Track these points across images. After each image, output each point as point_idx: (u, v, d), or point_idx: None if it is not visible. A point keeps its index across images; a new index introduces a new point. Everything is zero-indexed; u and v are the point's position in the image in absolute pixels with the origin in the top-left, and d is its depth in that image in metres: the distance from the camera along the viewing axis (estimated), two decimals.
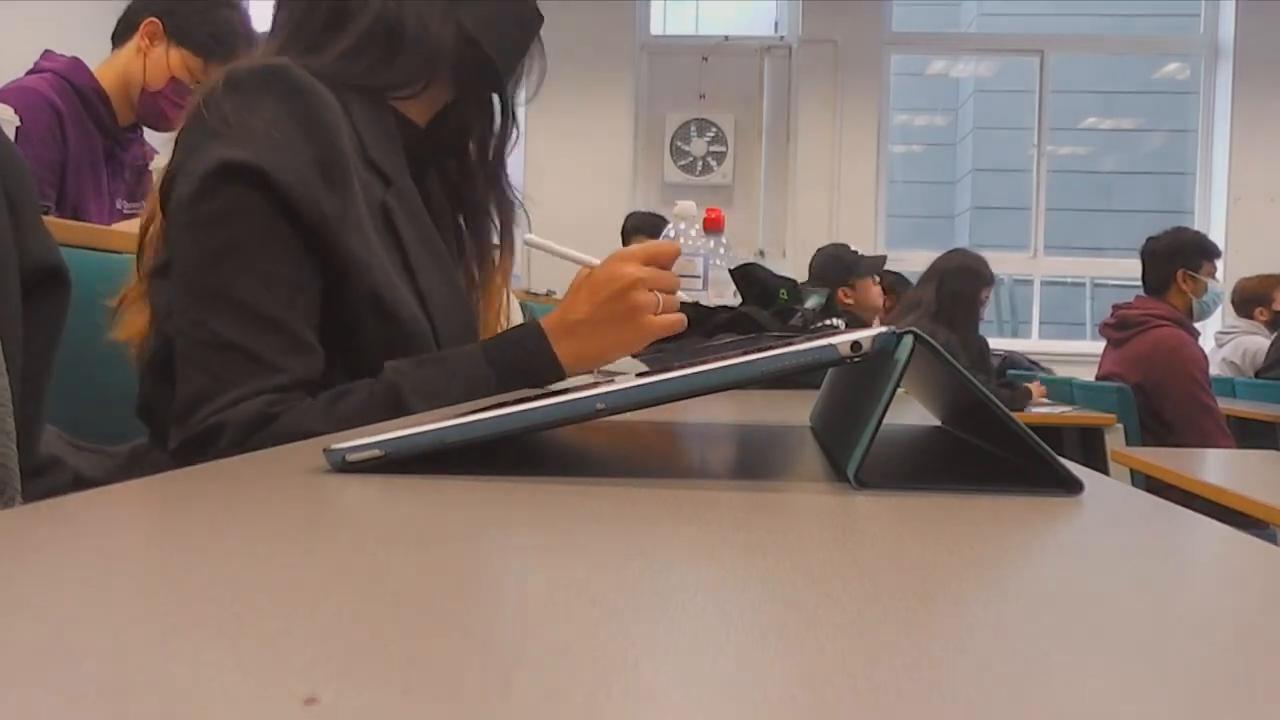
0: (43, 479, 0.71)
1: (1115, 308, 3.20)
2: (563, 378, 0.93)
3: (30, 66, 1.93)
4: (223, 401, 0.83)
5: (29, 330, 0.64)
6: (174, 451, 0.83)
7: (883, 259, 3.69)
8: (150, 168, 1.73)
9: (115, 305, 0.96)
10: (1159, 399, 2.94)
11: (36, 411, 0.68)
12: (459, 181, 1.13)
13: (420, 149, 1.06)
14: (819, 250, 3.65)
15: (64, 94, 1.86)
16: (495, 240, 1.14)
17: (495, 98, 1.08)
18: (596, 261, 0.97)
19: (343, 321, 0.89)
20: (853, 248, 3.65)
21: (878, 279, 3.58)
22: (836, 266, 3.49)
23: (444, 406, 0.83)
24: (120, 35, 1.96)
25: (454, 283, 1.01)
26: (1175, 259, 3.05)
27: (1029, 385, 3.30)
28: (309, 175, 0.85)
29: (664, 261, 0.95)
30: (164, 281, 0.91)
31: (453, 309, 0.98)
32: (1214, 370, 4.11)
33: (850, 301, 3.44)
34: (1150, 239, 3.15)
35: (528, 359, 0.92)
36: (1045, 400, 3.38)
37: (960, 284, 3.21)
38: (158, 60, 1.92)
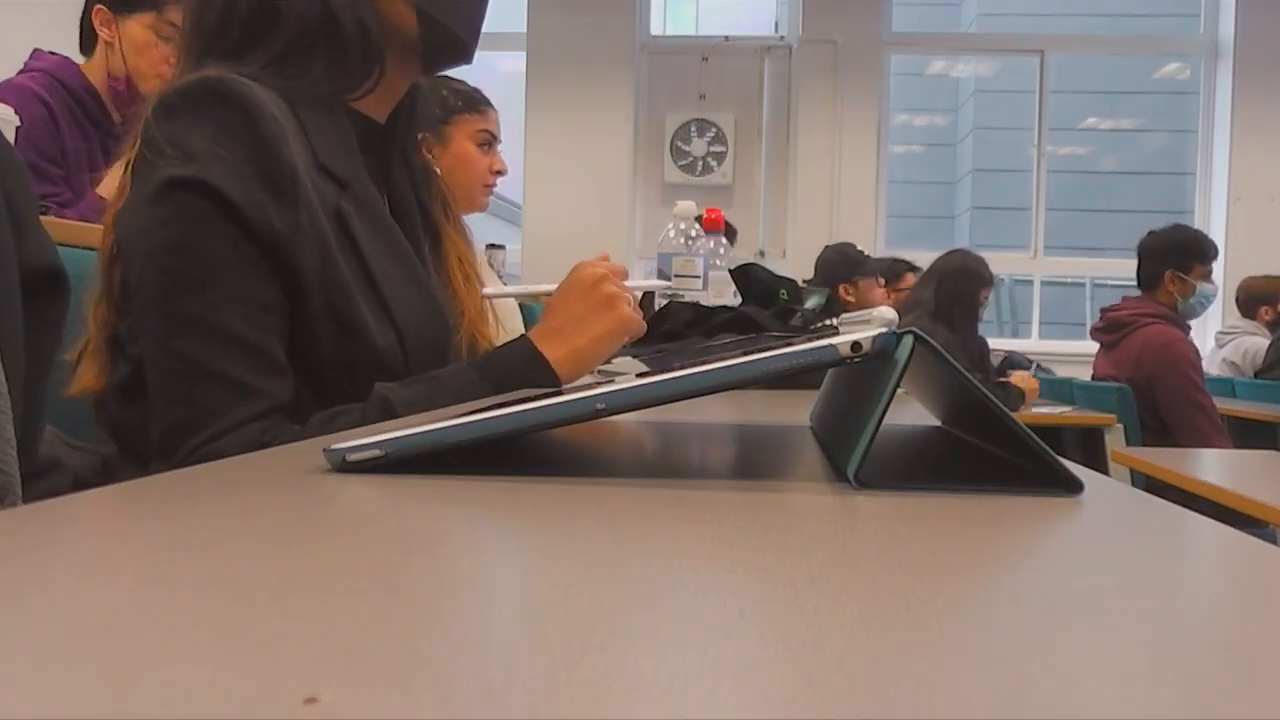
0: (43, 480, 0.71)
1: (1103, 311, 3.18)
2: (558, 384, 0.92)
3: (19, 65, 1.94)
4: (212, 431, 0.81)
5: (29, 333, 0.64)
6: None
7: (888, 261, 3.73)
8: None
9: (74, 359, 0.92)
10: (1153, 397, 2.94)
11: (37, 414, 0.68)
12: (422, 175, 1.09)
13: (382, 146, 1.02)
14: (826, 247, 3.71)
15: (54, 92, 1.87)
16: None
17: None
18: (553, 288, 1.01)
19: (302, 336, 0.87)
20: (859, 248, 3.71)
21: (882, 281, 3.61)
22: (842, 261, 3.56)
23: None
24: (87, 40, 1.97)
25: (423, 287, 0.98)
26: (1166, 258, 3.03)
27: (1016, 378, 3.28)
28: (255, 190, 0.83)
29: (619, 275, 1.00)
30: (121, 313, 0.89)
31: (421, 315, 0.95)
32: (1214, 370, 4.11)
33: (851, 299, 3.48)
34: (1147, 235, 3.13)
35: (519, 367, 0.91)
36: (1045, 400, 3.37)
37: (959, 285, 3.21)
38: (127, 41, 1.93)
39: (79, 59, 1.96)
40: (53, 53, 1.96)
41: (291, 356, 0.87)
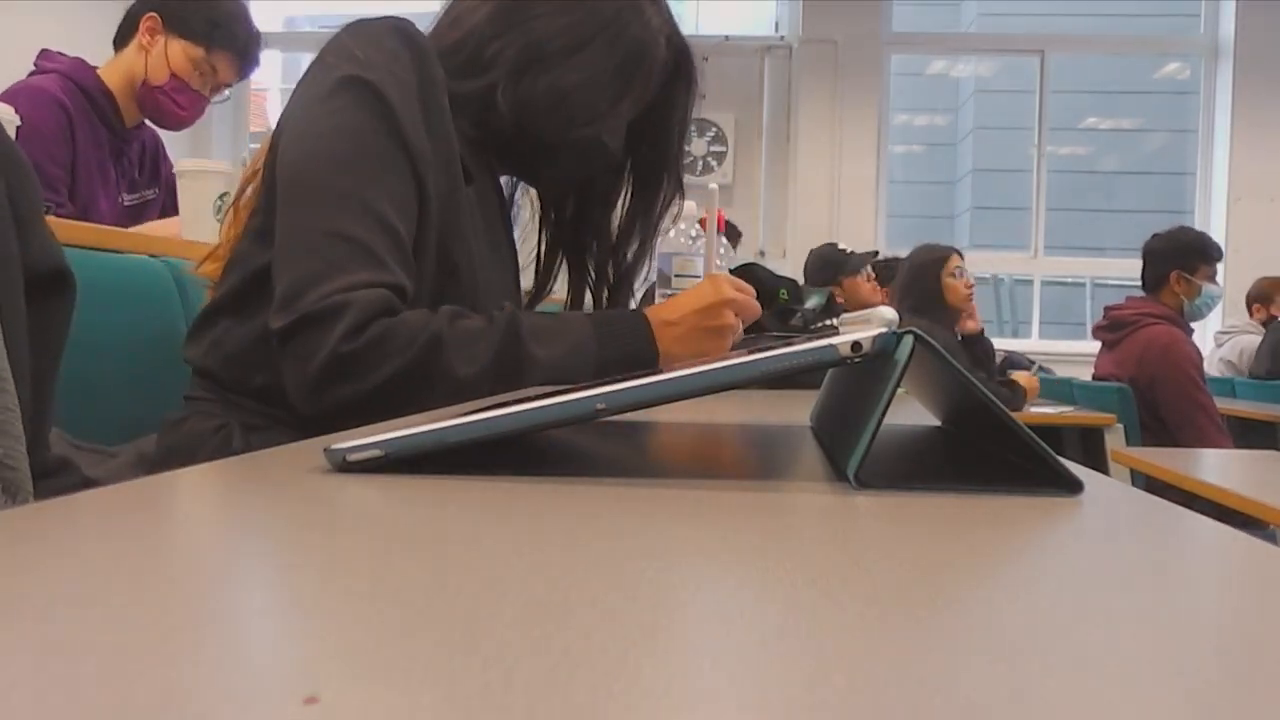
0: (53, 480, 0.71)
1: (1107, 309, 3.19)
2: (654, 364, 0.97)
3: (29, 66, 1.94)
4: (343, 283, 0.84)
5: (34, 333, 0.64)
6: (281, 331, 0.84)
7: (873, 254, 3.72)
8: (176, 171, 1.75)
9: (199, 264, 1.03)
10: (1154, 397, 2.94)
11: (44, 414, 0.68)
12: (569, 216, 1.20)
13: (500, 150, 1.08)
14: (810, 253, 3.71)
15: (71, 94, 1.87)
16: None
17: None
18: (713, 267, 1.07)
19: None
20: (840, 246, 3.70)
21: (869, 275, 3.60)
22: (825, 266, 3.57)
23: (549, 359, 0.88)
24: (122, 36, 1.96)
25: (508, 285, 1.06)
26: (1172, 259, 3.04)
27: (1019, 377, 3.27)
28: (414, 108, 0.90)
29: (751, 295, 1.04)
30: (249, 244, 0.94)
31: (500, 301, 1.01)
32: (1213, 370, 4.11)
33: (842, 301, 3.48)
34: (1152, 236, 3.14)
35: (632, 344, 0.95)
36: (1045, 400, 3.37)
37: (916, 279, 3.16)
38: (159, 55, 1.92)
39: (92, 60, 1.95)
40: (61, 53, 1.95)
41: None
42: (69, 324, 0.72)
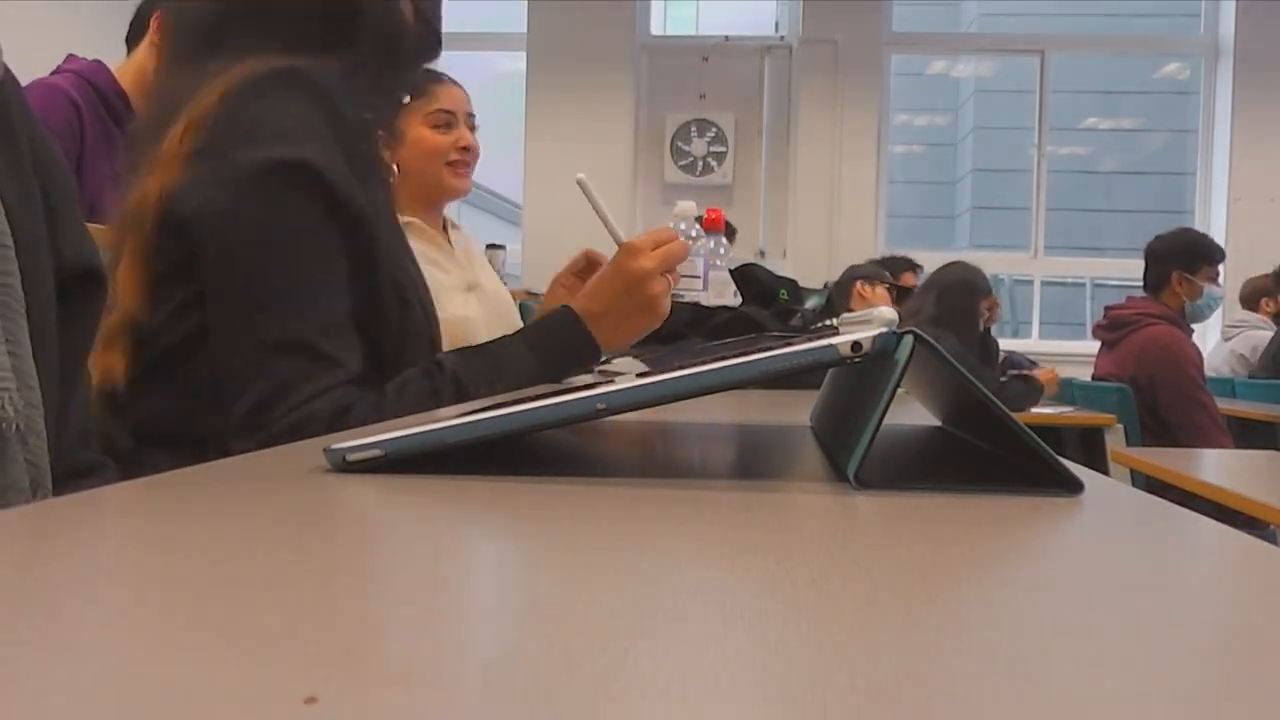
0: (86, 480, 0.70)
1: (1107, 309, 3.19)
2: (599, 356, 1.01)
3: (50, 69, 1.95)
4: (299, 398, 0.83)
5: (64, 331, 0.63)
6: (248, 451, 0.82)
7: (900, 276, 3.83)
8: None
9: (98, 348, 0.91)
10: (1154, 396, 2.94)
11: (70, 413, 0.67)
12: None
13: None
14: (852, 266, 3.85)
15: (84, 93, 1.88)
16: None
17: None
18: (623, 235, 1.05)
19: (370, 309, 0.91)
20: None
21: (890, 292, 3.68)
22: (871, 266, 3.72)
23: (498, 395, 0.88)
24: (134, 35, 1.97)
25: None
26: (1173, 260, 3.05)
27: (1040, 374, 3.29)
28: (343, 169, 0.87)
29: (667, 240, 1.04)
30: (159, 312, 0.88)
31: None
32: (1221, 364, 4.11)
33: (865, 294, 3.58)
34: (1155, 238, 3.15)
35: (570, 346, 0.99)
36: (1045, 400, 3.37)
37: (959, 298, 3.21)
38: None
39: (112, 63, 1.96)
40: (85, 59, 1.97)
41: (359, 328, 0.91)
42: (98, 323, 0.71)
